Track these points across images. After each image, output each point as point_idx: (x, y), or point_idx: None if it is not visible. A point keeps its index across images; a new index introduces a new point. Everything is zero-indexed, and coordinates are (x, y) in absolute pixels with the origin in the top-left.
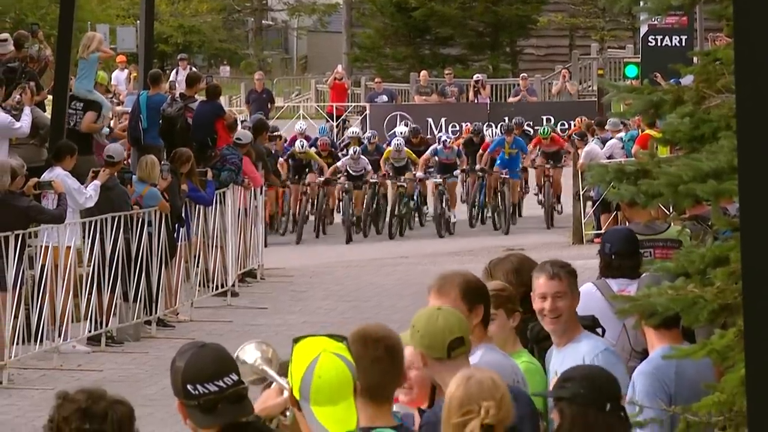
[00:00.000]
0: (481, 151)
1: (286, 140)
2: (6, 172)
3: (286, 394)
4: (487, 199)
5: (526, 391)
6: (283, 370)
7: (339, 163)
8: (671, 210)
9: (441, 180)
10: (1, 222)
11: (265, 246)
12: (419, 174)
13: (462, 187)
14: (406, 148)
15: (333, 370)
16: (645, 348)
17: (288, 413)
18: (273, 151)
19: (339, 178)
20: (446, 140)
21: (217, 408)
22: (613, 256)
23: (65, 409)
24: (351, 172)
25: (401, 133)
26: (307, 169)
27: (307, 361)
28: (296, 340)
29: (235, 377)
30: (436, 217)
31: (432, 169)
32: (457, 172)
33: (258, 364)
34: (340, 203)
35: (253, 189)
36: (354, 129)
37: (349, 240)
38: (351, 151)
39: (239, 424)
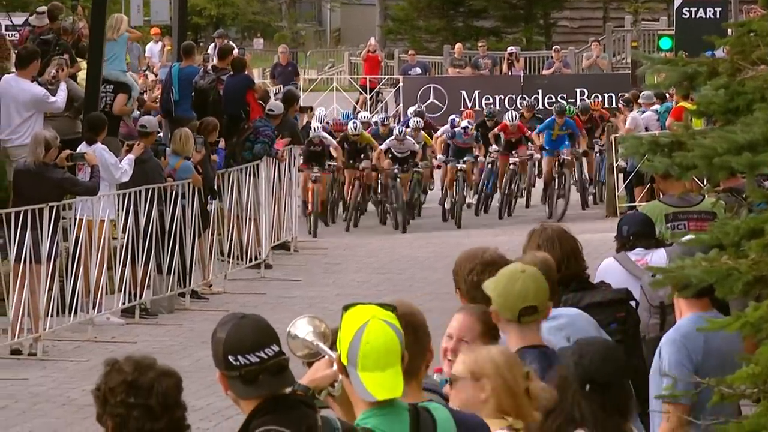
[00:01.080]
0: (496, 130)
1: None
2: (40, 143)
3: (335, 366)
4: (543, 180)
5: None
6: (333, 337)
7: (383, 146)
8: (705, 182)
9: (464, 164)
10: (35, 193)
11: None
12: (441, 157)
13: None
14: (423, 133)
15: (381, 336)
16: (662, 301)
17: (336, 385)
18: (305, 123)
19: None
20: (468, 126)
21: (258, 379)
22: (630, 238)
23: (112, 380)
24: (396, 153)
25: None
26: (362, 154)
27: (355, 327)
28: (346, 308)
29: (276, 348)
30: (458, 203)
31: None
32: (478, 156)
33: (310, 339)
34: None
35: (287, 161)
36: (364, 114)
37: (404, 229)
38: (396, 132)
39: (280, 395)
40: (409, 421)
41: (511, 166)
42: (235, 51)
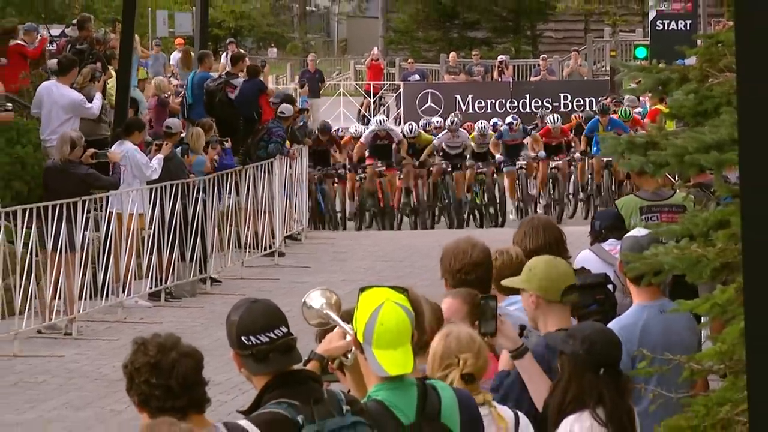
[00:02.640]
0: (538, 135)
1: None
2: (66, 142)
3: (348, 337)
4: (593, 182)
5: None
6: (348, 317)
7: (435, 141)
8: (677, 178)
9: (522, 166)
10: (62, 188)
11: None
12: (500, 157)
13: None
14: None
15: (394, 318)
16: None
17: (350, 355)
18: (302, 123)
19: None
20: (512, 122)
21: (268, 357)
22: (602, 231)
23: (138, 360)
24: (448, 149)
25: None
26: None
27: (371, 309)
28: (362, 290)
29: (284, 329)
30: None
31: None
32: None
33: (323, 309)
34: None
35: (298, 159)
36: (379, 117)
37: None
38: (448, 123)
39: (289, 371)
40: (416, 396)
41: (552, 170)
42: (252, 60)
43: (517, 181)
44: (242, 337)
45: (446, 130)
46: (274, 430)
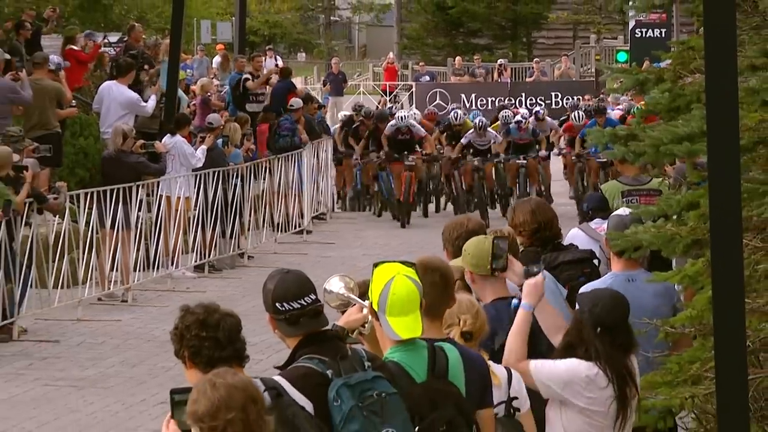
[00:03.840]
0: (561, 130)
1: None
2: (119, 135)
3: (365, 311)
4: (589, 183)
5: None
6: (364, 288)
7: (463, 140)
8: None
9: (525, 162)
10: (116, 174)
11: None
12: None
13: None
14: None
15: (404, 288)
16: None
17: (366, 326)
18: (320, 118)
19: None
20: (521, 120)
21: (299, 321)
22: (589, 212)
23: (187, 320)
24: (477, 146)
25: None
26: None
27: (384, 281)
28: (376, 265)
29: (313, 297)
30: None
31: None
32: (546, 153)
33: (342, 292)
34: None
35: (325, 148)
36: (403, 113)
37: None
38: (476, 122)
39: (317, 332)
40: (426, 356)
41: (579, 164)
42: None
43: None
44: (277, 303)
45: (473, 130)
46: (307, 382)
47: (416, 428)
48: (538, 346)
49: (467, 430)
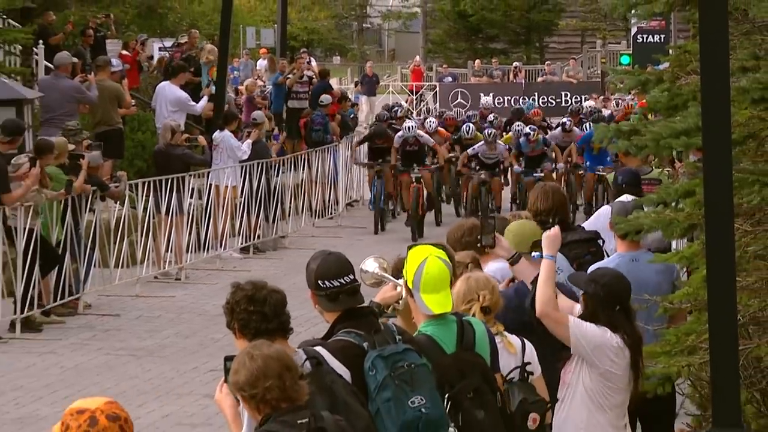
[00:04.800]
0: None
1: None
2: (167, 130)
3: (399, 289)
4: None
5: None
6: (399, 266)
7: (470, 150)
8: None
9: (540, 175)
10: (166, 166)
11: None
12: (518, 168)
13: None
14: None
15: (437, 268)
16: None
17: (401, 302)
18: (353, 115)
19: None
20: (530, 133)
21: (338, 298)
22: (623, 185)
23: (237, 295)
24: (484, 159)
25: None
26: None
27: (418, 261)
28: (410, 247)
29: (351, 276)
30: None
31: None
32: (559, 165)
33: (377, 272)
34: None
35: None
36: (409, 124)
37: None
38: (485, 133)
39: (354, 309)
40: (456, 330)
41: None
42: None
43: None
44: (319, 281)
45: (483, 142)
46: (346, 354)
47: (446, 395)
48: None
49: (492, 397)
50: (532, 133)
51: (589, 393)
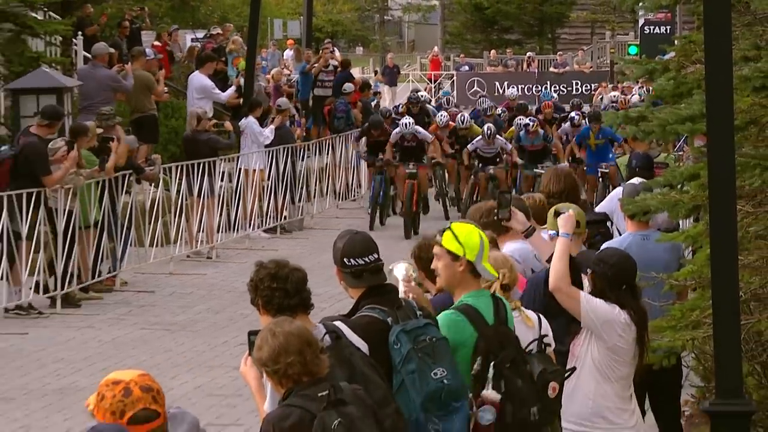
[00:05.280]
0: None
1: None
2: (193, 117)
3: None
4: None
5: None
6: (424, 248)
7: (470, 146)
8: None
9: (541, 172)
10: (194, 151)
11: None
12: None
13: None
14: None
15: (487, 239)
16: None
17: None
18: (375, 102)
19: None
20: (529, 124)
21: (362, 275)
22: (636, 169)
23: (260, 274)
24: (483, 154)
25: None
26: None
27: (476, 238)
28: (452, 224)
29: (375, 256)
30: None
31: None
32: (561, 166)
33: (398, 281)
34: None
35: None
36: (406, 120)
37: None
38: (485, 129)
39: (377, 286)
40: (491, 304)
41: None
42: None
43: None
44: (345, 259)
45: (480, 137)
46: (371, 329)
47: (492, 364)
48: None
49: (525, 367)
50: (531, 124)
51: (597, 365)
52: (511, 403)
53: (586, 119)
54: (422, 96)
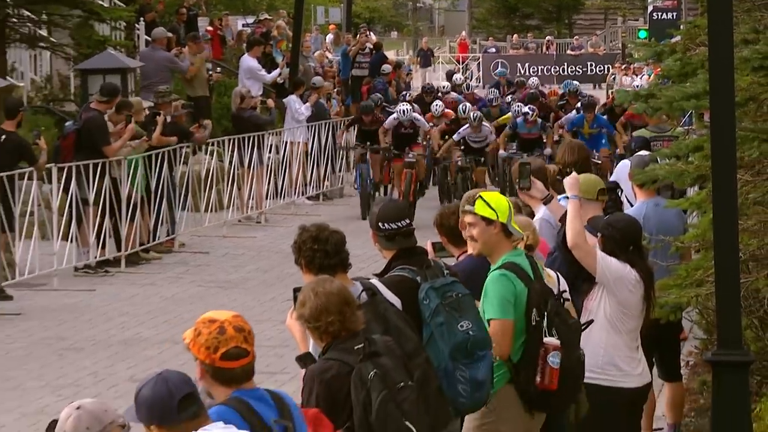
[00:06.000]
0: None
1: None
2: (237, 96)
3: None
4: None
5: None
6: (446, 216)
7: (456, 136)
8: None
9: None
10: (239, 127)
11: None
12: (503, 153)
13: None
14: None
15: (511, 205)
16: None
17: None
18: (405, 82)
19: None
20: (528, 112)
21: (395, 238)
22: (635, 150)
23: (303, 236)
24: (471, 143)
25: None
26: None
27: (505, 202)
28: (481, 193)
29: (407, 221)
30: None
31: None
32: (547, 151)
33: None
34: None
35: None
36: (404, 107)
37: None
38: (471, 115)
39: (409, 248)
40: (529, 262)
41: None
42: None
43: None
44: (379, 223)
45: (467, 126)
46: (402, 287)
47: (543, 314)
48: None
49: (566, 316)
50: (530, 113)
51: (608, 318)
52: (565, 347)
53: (581, 107)
54: (457, 79)
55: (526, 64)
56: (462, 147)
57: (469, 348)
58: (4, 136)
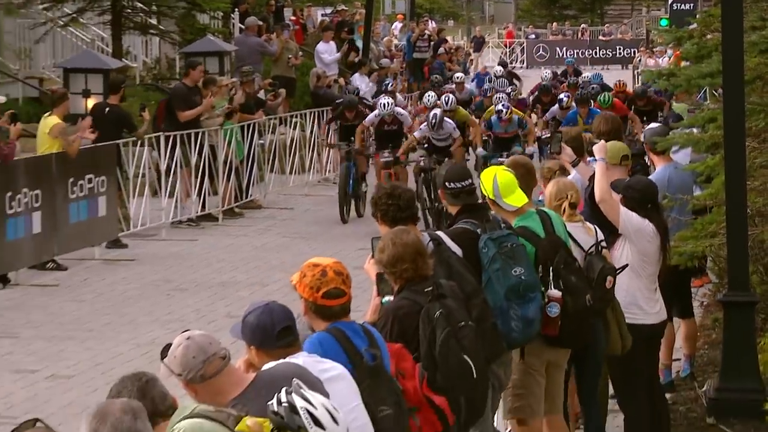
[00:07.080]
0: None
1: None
2: (313, 76)
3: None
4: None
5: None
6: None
7: (417, 133)
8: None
9: (503, 160)
10: (317, 102)
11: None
12: (481, 151)
13: None
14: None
15: (505, 177)
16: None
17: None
18: (463, 65)
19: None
20: (502, 110)
21: (459, 196)
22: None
23: (379, 192)
24: (435, 142)
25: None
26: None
27: (492, 176)
28: (486, 172)
29: (470, 181)
30: None
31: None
32: (531, 149)
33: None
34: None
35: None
36: (386, 101)
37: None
38: (430, 116)
39: (471, 204)
40: (540, 219)
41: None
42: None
43: None
44: (446, 183)
45: (425, 124)
46: (464, 237)
47: (551, 268)
48: None
49: (575, 265)
50: (504, 110)
51: (630, 264)
52: (570, 295)
53: (575, 102)
54: (499, 71)
55: (564, 48)
56: (425, 145)
57: (522, 290)
58: (108, 109)
